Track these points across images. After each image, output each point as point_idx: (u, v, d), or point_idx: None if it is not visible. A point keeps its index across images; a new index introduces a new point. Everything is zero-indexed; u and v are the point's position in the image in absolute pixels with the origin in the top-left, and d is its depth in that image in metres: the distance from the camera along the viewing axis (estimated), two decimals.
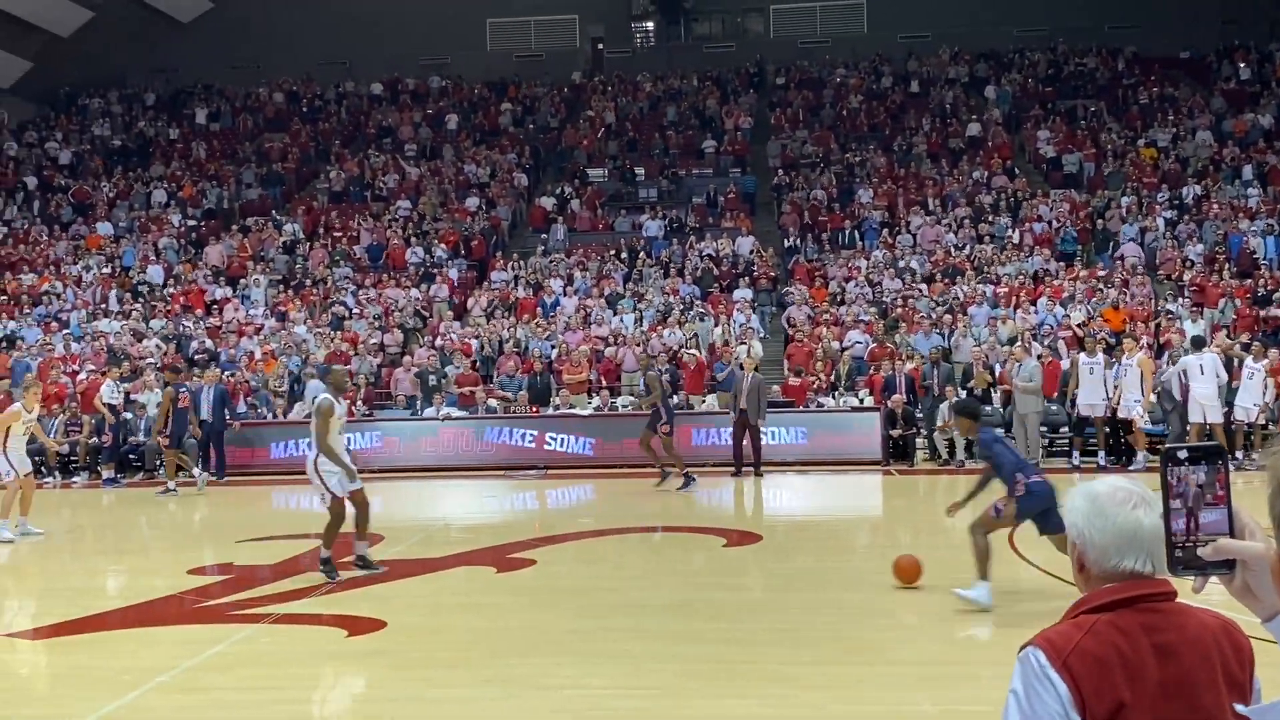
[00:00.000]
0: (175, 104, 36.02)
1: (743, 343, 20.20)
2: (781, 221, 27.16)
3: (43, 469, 16.98)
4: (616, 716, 5.78)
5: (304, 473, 9.78)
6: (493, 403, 19.59)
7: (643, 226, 27.24)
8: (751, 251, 25.57)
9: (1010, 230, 25.19)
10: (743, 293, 23.35)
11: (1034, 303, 21.15)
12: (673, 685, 6.21)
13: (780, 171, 29.14)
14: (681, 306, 22.63)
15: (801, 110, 32.57)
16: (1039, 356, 17.71)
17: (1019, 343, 18.11)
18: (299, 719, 5.86)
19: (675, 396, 17.94)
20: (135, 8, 34.51)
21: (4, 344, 22.45)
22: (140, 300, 24.77)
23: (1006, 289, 21.96)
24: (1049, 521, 7.42)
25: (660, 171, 30.04)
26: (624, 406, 19.38)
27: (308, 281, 25.43)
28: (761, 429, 16.36)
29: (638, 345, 20.89)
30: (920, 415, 17.94)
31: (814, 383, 19.21)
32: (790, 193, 28.03)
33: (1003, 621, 7.26)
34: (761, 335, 21.80)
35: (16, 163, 32.75)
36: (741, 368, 16.66)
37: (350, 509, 9.53)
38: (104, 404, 18.15)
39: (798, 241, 25.97)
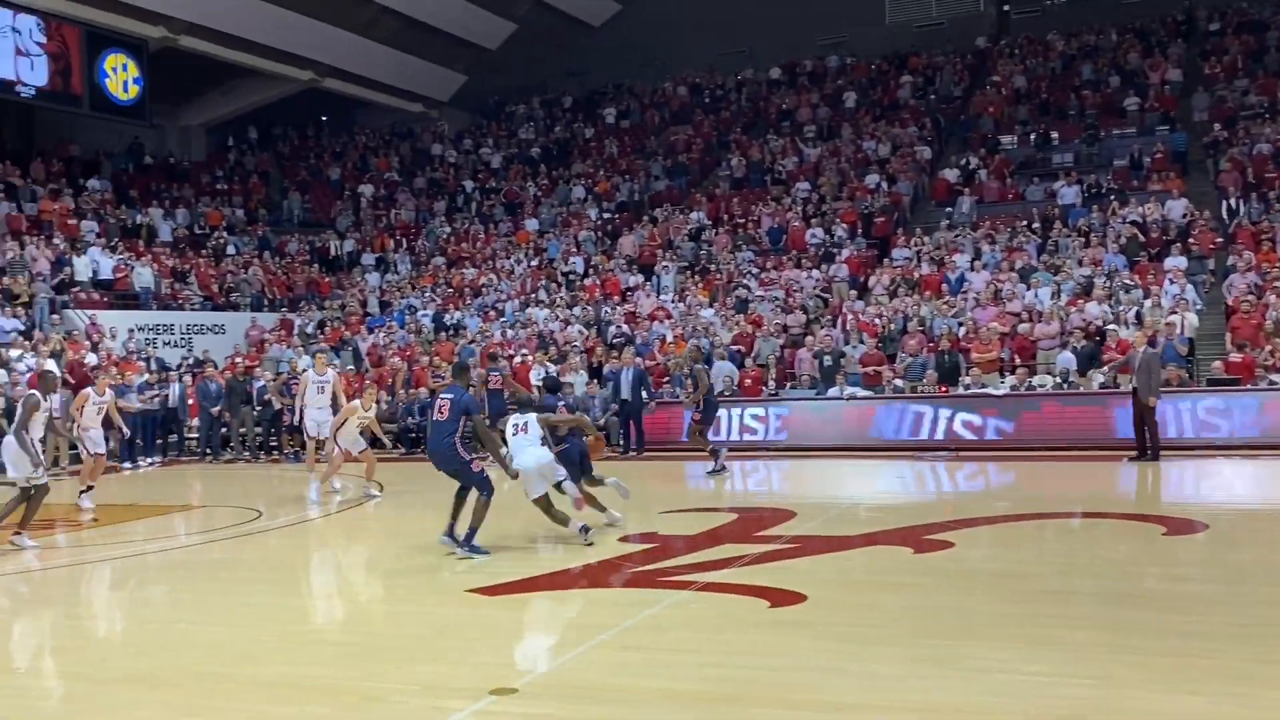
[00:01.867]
0: (590, 105, 38.38)
1: (1174, 314, 18.52)
2: (1220, 180, 24.55)
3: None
4: (1059, 704, 5.47)
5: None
6: (899, 382, 19.27)
7: (1058, 194, 25.64)
8: (1184, 215, 23.33)
9: None
10: (1175, 261, 21.35)
11: None
12: (1117, 675, 5.81)
13: (1216, 126, 26.37)
14: (1104, 278, 21.09)
15: (1240, 57, 29.28)
16: None
17: None
18: (729, 682, 6.01)
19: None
20: (553, 16, 37.12)
21: (451, 332, 24.99)
22: (564, 289, 26.69)
23: None
24: None
25: (1076, 134, 28.17)
26: (1039, 386, 18.39)
27: (712, 267, 26.23)
28: (1153, 407, 15.04)
29: (1053, 320, 19.74)
30: None
31: (1263, 358, 17.24)
32: (1229, 148, 25.27)
33: None
34: (1198, 307, 19.88)
35: (456, 169, 36.31)
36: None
37: None
38: (534, 385, 19.67)
39: (1238, 202, 23.37)
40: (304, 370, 18.39)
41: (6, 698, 6.31)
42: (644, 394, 18.77)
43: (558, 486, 10.42)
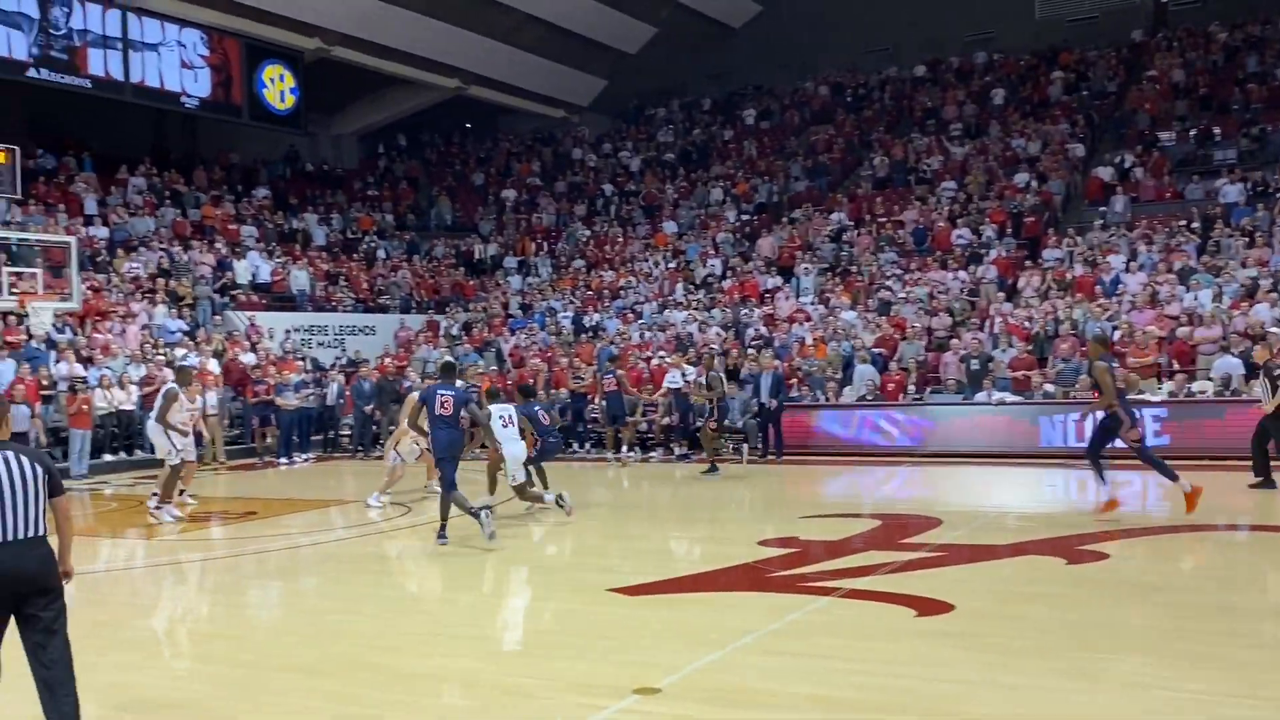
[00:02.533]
0: (729, 106, 38.29)
1: None
2: None
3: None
4: None
5: (854, 454, 9.90)
6: (1050, 387, 18.65)
7: (1219, 192, 24.46)
8: None
9: None
10: None
11: None
12: None
13: None
14: (1271, 280, 20.02)
15: None
16: None
17: None
18: (877, 690, 5.92)
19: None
20: (693, 19, 37.15)
21: (590, 333, 25.26)
22: (702, 291, 26.70)
23: None
24: None
25: (1240, 129, 26.82)
26: (1199, 392, 17.57)
27: (853, 268, 25.87)
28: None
29: (1214, 324, 18.83)
30: None
31: None
32: None
33: None
34: None
35: (595, 172, 36.71)
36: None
37: None
38: (670, 388, 19.72)
39: None
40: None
41: (180, 681, 6.63)
42: (780, 397, 18.58)
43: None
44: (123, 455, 19.70)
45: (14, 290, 18.46)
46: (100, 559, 11.53)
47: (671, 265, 28.76)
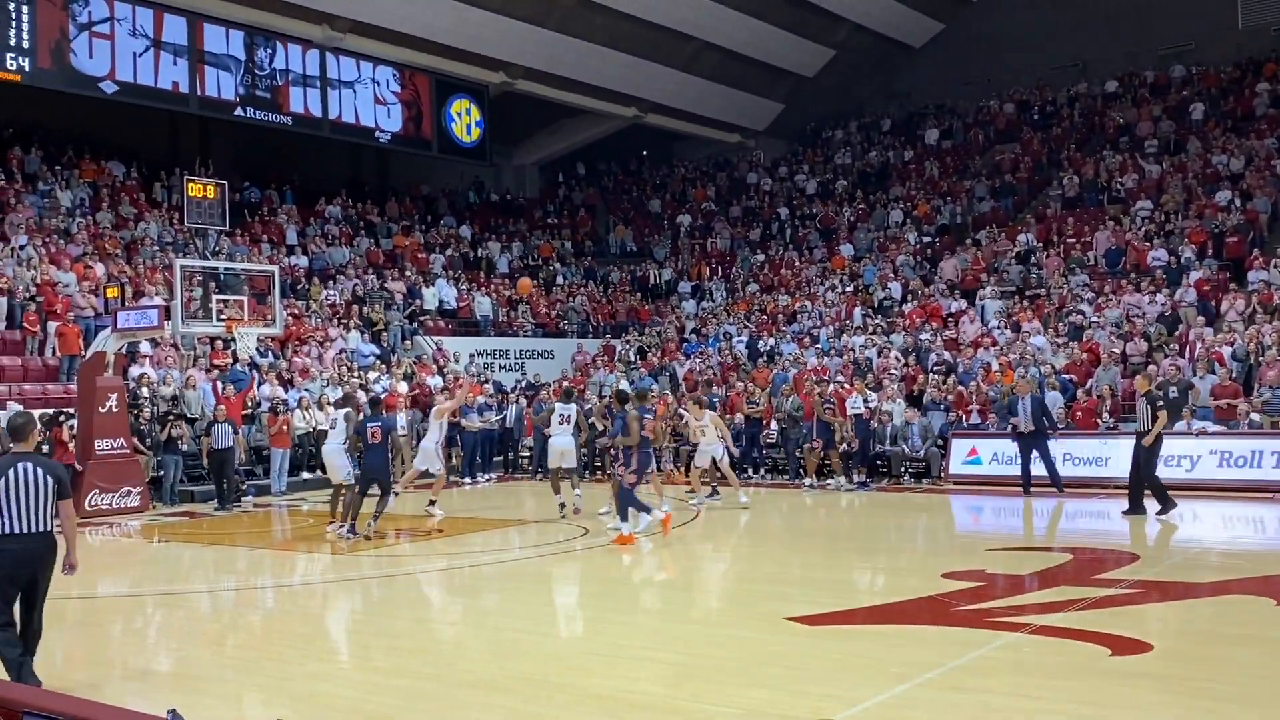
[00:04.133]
0: (909, 127, 37.61)
1: None
2: None
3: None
4: None
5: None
6: (1256, 417, 17.53)
7: None
8: None
9: None
10: None
11: None
12: None
13: None
14: None
15: None
16: None
17: None
18: None
19: None
20: (872, 40, 36.72)
21: (766, 358, 25.14)
22: (881, 315, 26.23)
23: None
24: None
25: None
26: None
27: (1040, 291, 24.96)
28: None
29: None
30: None
31: None
32: None
33: None
34: None
35: (770, 196, 36.60)
36: None
37: None
38: (850, 414, 19.40)
39: None
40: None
41: (370, 693, 6.90)
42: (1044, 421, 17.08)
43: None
44: (319, 473, 20.68)
45: (222, 316, 19.64)
46: (296, 573, 12.12)
47: (849, 289, 28.38)
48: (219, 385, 20.14)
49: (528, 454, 22.69)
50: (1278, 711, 5.90)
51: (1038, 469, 16.49)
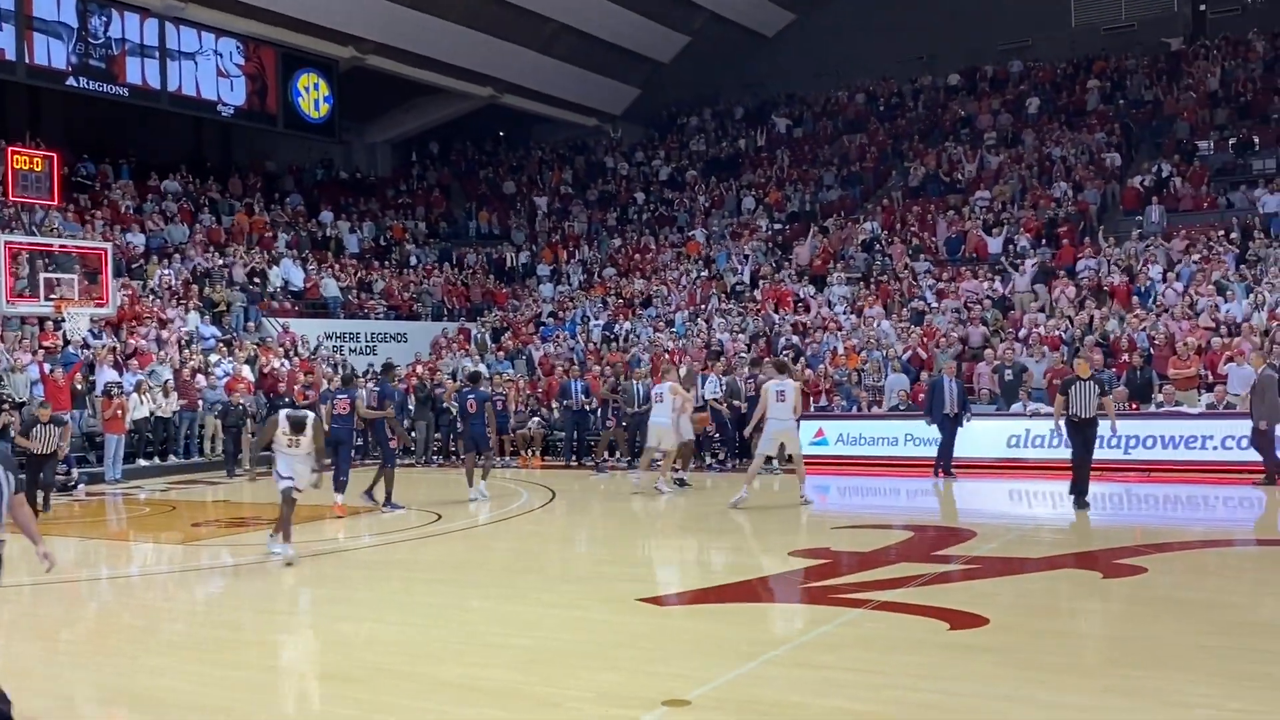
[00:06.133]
0: (761, 115, 38.21)
1: None
2: None
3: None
4: None
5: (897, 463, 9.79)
6: None
7: (1259, 202, 24.17)
8: None
9: None
10: None
11: None
12: None
13: None
14: None
15: None
16: None
17: None
18: (909, 705, 5.84)
19: None
20: (727, 28, 37.10)
21: (621, 341, 25.23)
22: (733, 299, 26.61)
23: None
24: None
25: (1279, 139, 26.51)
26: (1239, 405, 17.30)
27: (884, 278, 25.72)
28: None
29: (1253, 335, 18.55)
30: None
31: None
32: None
33: None
34: None
35: (627, 181, 36.73)
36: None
37: None
38: (708, 398, 19.60)
39: None
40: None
41: (209, 686, 6.64)
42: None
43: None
44: (156, 460, 19.88)
45: (51, 296, 18.66)
46: (133, 563, 11.62)
47: (703, 274, 28.70)
48: (45, 367, 19.08)
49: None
50: (1101, 678, 6.20)
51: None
